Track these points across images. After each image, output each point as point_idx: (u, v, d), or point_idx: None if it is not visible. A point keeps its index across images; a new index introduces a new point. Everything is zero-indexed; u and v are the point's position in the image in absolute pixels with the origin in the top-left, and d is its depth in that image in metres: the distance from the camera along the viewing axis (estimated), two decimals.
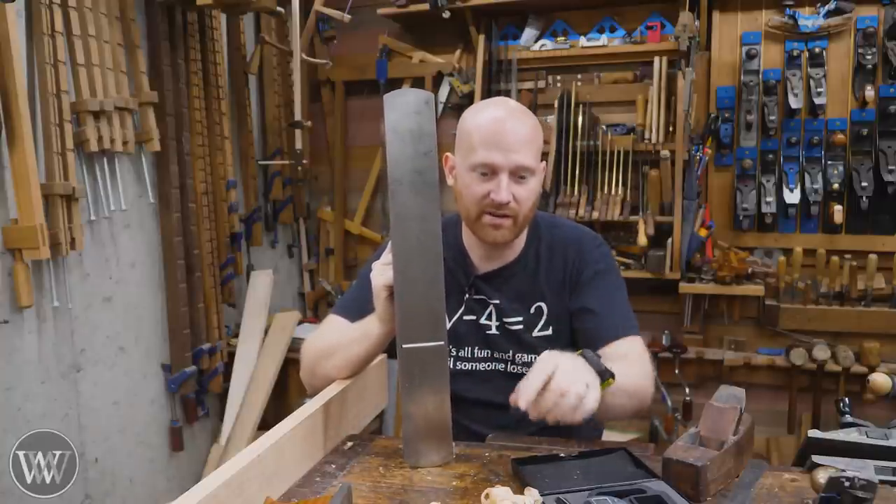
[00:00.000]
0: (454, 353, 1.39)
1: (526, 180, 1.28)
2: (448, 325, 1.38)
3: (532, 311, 1.37)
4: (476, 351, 1.39)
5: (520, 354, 1.37)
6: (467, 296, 1.39)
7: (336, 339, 1.34)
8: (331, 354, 1.32)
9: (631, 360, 1.25)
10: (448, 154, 1.37)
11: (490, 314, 1.38)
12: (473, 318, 1.39)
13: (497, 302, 1.38)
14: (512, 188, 1.27)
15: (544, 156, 2.96)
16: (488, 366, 1.39)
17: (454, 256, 1.40)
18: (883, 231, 2.73)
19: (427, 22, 3.10)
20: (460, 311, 1.39)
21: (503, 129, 1.26)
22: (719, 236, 2.87)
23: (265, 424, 2.76)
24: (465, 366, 1.39)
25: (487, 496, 0.93)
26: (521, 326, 1.37)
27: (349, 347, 1.30)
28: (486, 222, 1.30)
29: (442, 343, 1.14)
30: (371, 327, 1.25)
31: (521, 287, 1.38)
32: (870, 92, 2.64)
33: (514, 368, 1.38)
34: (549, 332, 1.37)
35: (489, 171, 1.27)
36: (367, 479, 1.08)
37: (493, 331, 1.38)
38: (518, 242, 1.40)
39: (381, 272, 1.19)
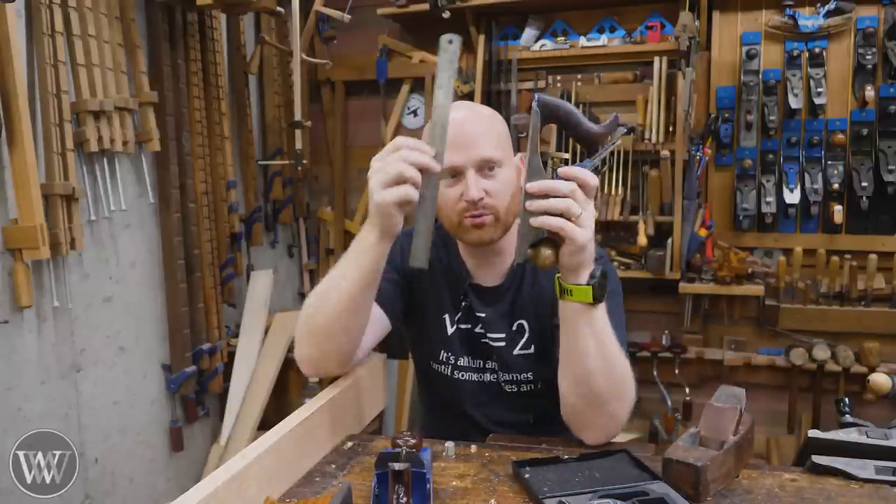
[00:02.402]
0: (452, 362, 1.38)
1: (495, 173, 1.24)
2: (449, 332, 1.37)
3: (514, 328, 1.35)
4: (469, 361, 1.38)
5: (503, 372, 1.35)
6: (464, 303, 1.37)
7: (324, 283, 1.21)
8: (324, 300, 1.19)
9: None
10: None
11: (480, 326, 1.36)
12: (469, 326, 1.37)
13: (484, 315, 1.36)
14: (482, 184, 1.23)
15: (543, 155, 3.00)
16: (480, 377, 1.38)
17: (452, 263, 1.39)
18: (883, 231, 2.73)
19: (427, 22, 3.09)
20: (458, 317, 1.37)
21: (459, 130, 1.21)
22: (719, 236, 2.87)
23: (265, 424, 2.76)
24: (461, 375, 1.38)
25: None
26: (503, 343, 1.35)
27: (340, 282, 1.16)
28: (467, 225, 1.26)
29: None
30: (369, 240, 1.12)
31: (507, 303, 1.36)
32: (870, 92, 2.65)
33: (502, 383, 1.36)
34: (531, 350, 1.34)
35: (456, 174, 1.24)
36: (367, 479, 1.08)
37: (482, 342, 1.36)
38: (510, 256, 1.35)
39: (390, 183, 1.03)
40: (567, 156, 2.89)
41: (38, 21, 2.02)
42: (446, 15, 2.95)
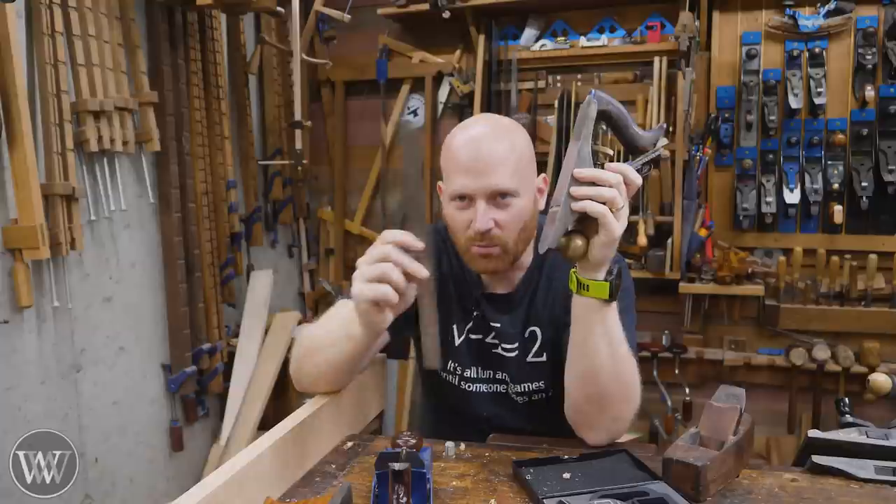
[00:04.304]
0: (459, 373, 1.36)
1: (508, 203, 1.19)
2: (458, 341, 1.35)
3: (527, 335, 1.32)
4: (479, 371, 1.36)
5: (513, 383, 1.34)
6: (476, 313, 1.35)
7: (324, 334, 1.23)
8: (315, 351, 1.23)
9: None
10: (440, 183, 1.29)
11: (493, 335, 1.34)
12: (480, 336, 1.35)
13: (498, 325, 1.33)
14: (493, 213, 1.18)
15: (544, 157, 2.99)
16: (490, 387, 1.36)
17: (463, 272, 1.36)
18: (883, 231, 2.73)
19: (427, 22, 3.10)
20: (468, 327, 1.35)
21: (477, 153, 1.18)
22: (719, 236, 2.87)
23: (265, 424, 2.76)
24: (468, 386, 1.36)
25: None
26: (516, 352, 1.33)
27: (331, 348, 1.20)
28: (474, 253, 1.22)
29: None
30: (353, 330, 1.14)
31: (521, 311, 1.33)
32: (870, 92, 2.64)
33: (513, 394, 1.35)
34: (543, 358, 1.32)
35: (467, 199, 1.20)
36: (367, 479, 1.08)
37: (496, 352, 1.34)
38: (525, 262, 1.33)
39: (371, 279, 1.02)
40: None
41: (38, 21, 2.02)
42: (446, 15, 2.94)
